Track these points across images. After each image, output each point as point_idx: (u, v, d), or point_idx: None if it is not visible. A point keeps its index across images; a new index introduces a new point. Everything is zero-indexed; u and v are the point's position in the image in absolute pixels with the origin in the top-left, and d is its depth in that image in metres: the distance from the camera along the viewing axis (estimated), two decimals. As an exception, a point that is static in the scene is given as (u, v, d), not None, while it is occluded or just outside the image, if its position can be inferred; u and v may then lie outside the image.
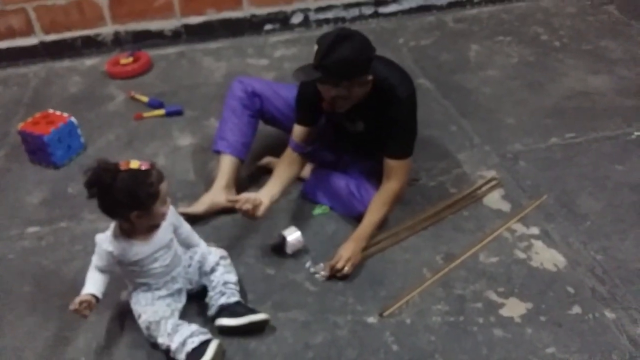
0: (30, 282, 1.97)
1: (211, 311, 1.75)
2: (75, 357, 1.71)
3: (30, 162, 2.56)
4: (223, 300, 1.73)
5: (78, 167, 2.52)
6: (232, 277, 1.81)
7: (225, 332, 1.71)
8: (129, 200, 1.53)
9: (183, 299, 1.79)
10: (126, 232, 1.64)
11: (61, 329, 1.80)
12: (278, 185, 2.03)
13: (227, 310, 1.72)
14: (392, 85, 1.92)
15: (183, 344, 1.59)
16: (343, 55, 1.74)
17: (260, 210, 1.92)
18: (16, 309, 1.88)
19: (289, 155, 2.12)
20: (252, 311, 1.73)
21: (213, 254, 1.83)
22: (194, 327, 1.65)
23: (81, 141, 2.61)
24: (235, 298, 1.75)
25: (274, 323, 1.76)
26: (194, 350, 1.59)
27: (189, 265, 1.81)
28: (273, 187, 2.01)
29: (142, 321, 1.66)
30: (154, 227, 1.67)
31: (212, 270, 1.80)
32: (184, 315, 1.77)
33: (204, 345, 1.59)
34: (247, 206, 1.88)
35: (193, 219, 2.12)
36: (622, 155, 2.41)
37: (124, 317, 1.81)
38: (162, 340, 1.62)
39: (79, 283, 1.89)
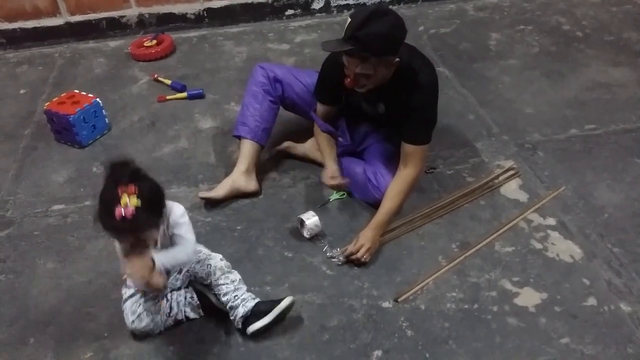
0: (55, 258, 2.03)
1: (239, 325, 1.69)
2: (99, 332, 1.76)
3: (55, 141, 2.62)
4: (241, 312, 1.68)
5: (103, 147, 2.58)
6: (230, 285, 1.73)
7: (261, 333, 1.69)
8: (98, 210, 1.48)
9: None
10: None
11: (84, 304, 1.85)
12: (334, 153, 2.19)
13: (252, 315, 1.68)
14: (415, 72, 1.94)
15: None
16: (377, 29, 1.75)
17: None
18: (40, 285, 1.93)
19: (320, 133, 2.23)
20: (276, 302, 1.69)
21: (201, 264, 1.76)
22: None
23: (106, 122, 2.65)
24: (251, 302, 1.70)
25: (291, 306, 1.80)
26: None
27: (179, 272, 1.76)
28: (332, 154, 2.18)
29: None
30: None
31: (212, 283, 1.74)
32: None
33: None
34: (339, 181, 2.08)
35: (214, 203, 2.18)
36: (641, 149, 2.40)
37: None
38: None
39: (103, 260, 1.98)
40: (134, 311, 1.69)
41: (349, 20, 1.79)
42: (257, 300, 1.72)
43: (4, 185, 2.38)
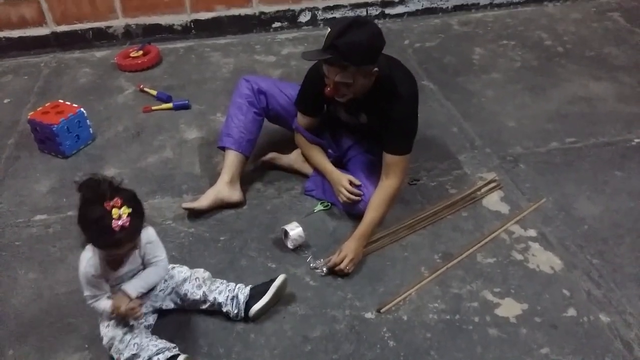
0: (37, 269, 2.01)
1: (240, 315, 1.77)
2: (79, 344, 1.75)
3: (39, 150, 2.61)
4: (242, 298, 1.76)
5: (86, 157, 2.57)
6: (222, 285, 1.80)
7: (263, 313, 1.78)
8: (86, 234, 1.49)
9: (150, 318, 1.74)
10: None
11: (66, 315, 1.84)
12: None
13: (250, 299, 1.76)
14: (395, 83, 1.97)
15: None
16: (356, 39, 1.78)
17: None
18: (21, 295, 1.92)
19: (309, 145, 2.27)
20: (269, 282, 1.79)
21: (188, 282, 1.78)
22: (160, 343, 1.63)
23: (90, 132, 2.65)
24: (246, 289, 1.79)
25: (274, 316, 1.80)
26: None
27: (160, 290, 1.76)
28: (330, 164, 2.23)
29: (105, 342, 1.63)
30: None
31: (204, 297, 1.77)
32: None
33: None
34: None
35: (197, 214, 2.18)
36: (621, 161, 2.44)
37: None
38: (125, 358, 1.59)
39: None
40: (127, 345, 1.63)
41: (328, 29, 1.82)
42: (250, 286, 1.80)
43: (-15, 195, 2.37)
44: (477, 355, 1.68)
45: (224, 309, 1.77)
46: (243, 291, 1.78)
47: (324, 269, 1.94)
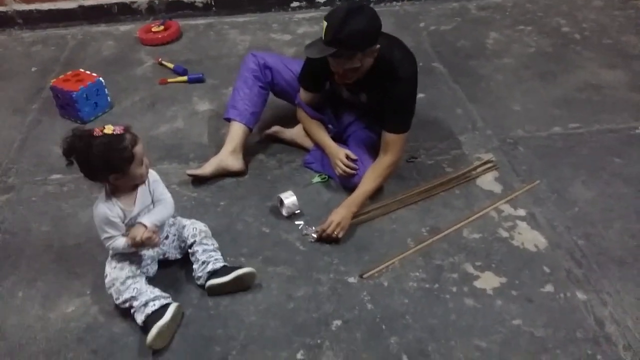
0: (49, 222, 2.17)
1: (201, 281, 1.85)
2: (82, 290, 1.90)
3: (60, 116, 2.77)
4: (210, 267, 1.84)
5: (104, 123, 2.69)
6: (210, 246, 1.90)
7: (217, 292, 1.84)
8: (104, 165, 1.62)
9: (153, 267, 1.87)
10: (112, 192, 1.73)
11: (73, 264, 1.99)
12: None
13: (215, 274, 1.84)
14: (394, 64, 2.03)
15: (145, 305, 1.70)
16: (357, 27, 1.85)
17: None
18: (33, 245, 2.08)
19: (310, 119, 2.34)
20: (238, 268, 1.85)
21: (187, 228, 1.91)
22: (157, 291, 1.75)
23: (108, 100, 2.79)
24: (220, 264, 1.86)
25: (263, 276, 1.91)
26: (154, 312, 1.69)
27: (166, 237, 1.90)
28: (330, 139, 2.31)
29: (108, 280, 1.76)
30: (136, 186, 1.76)
31: (191, 244, 1.89)
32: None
33: (163, 308, 1.71)
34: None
35: (201, 180, 2.30)
36: (622, 148, 2.44)
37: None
38: (123, 299, 1.72)
39: (93, 227, 2.07)
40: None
41: (326, 23, 1.88)
42: (225, 264, 1.88)
43: (8, 155, 2.54)
44: (450, 321, 1.75)
45: (194, 266, 1.87)
46: (215, 264, 1.85)
47: (314, 235, 2.03)
